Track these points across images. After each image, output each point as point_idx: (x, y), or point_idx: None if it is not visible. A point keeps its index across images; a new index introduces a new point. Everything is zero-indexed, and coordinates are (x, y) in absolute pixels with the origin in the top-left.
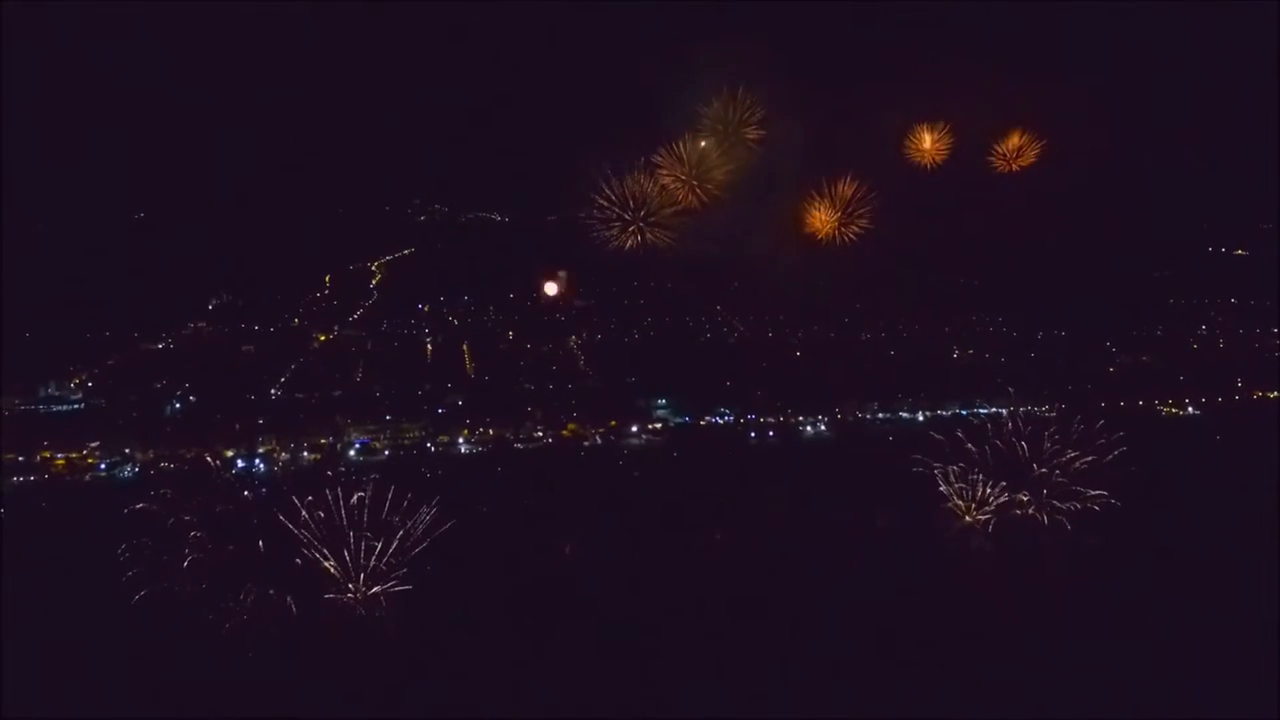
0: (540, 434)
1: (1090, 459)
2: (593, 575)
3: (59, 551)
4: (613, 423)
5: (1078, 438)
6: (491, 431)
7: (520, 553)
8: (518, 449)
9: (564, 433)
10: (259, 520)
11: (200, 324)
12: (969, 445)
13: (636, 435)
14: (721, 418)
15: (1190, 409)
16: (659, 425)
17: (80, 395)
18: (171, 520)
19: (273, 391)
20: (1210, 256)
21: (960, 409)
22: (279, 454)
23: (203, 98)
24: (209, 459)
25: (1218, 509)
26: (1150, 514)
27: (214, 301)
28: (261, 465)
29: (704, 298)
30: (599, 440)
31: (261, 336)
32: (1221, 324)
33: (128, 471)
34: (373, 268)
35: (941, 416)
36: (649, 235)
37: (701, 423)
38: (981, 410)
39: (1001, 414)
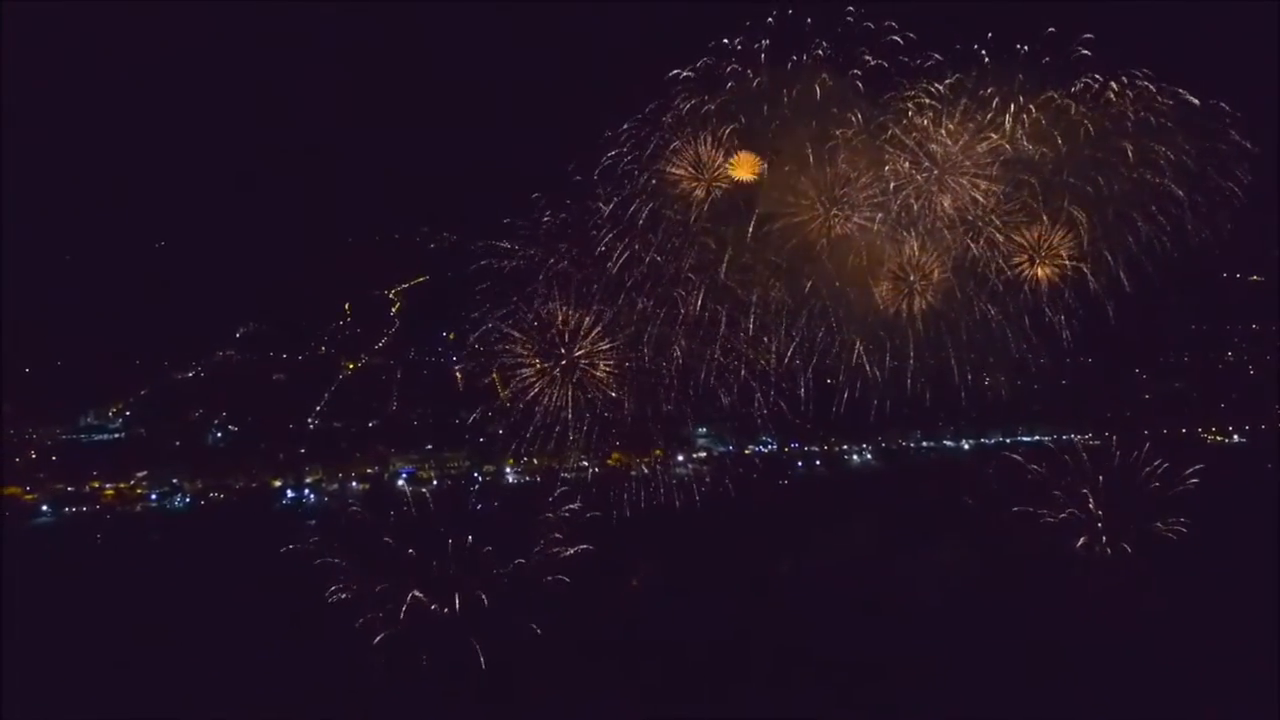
0: (585, 463)
1: (1157, 485)
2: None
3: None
4: (657, 451)
5: (1139, 466)
6: (536, 461)
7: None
8: (565, 478)
9: (609, 462)
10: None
11: (229, 352)
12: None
13: (683, 464)
14: (765, 446)
15: (1235, 436)
16: (704, 454)
17: (120, 424)
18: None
19: (310, 421)
20: (1227, 282)
21: (1003, 437)
22: (327, 484)
23: (220, 130)
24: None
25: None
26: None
27: (241, 330)
28: (312, 495)
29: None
30: (645, 470)
31: (291, 365)
32: (1247, 349)
33: (179, 501)
34: (390, 295)
35: (985, 445)
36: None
37: (746, 451)
38: (1024, 439)
39: (1044, 442)
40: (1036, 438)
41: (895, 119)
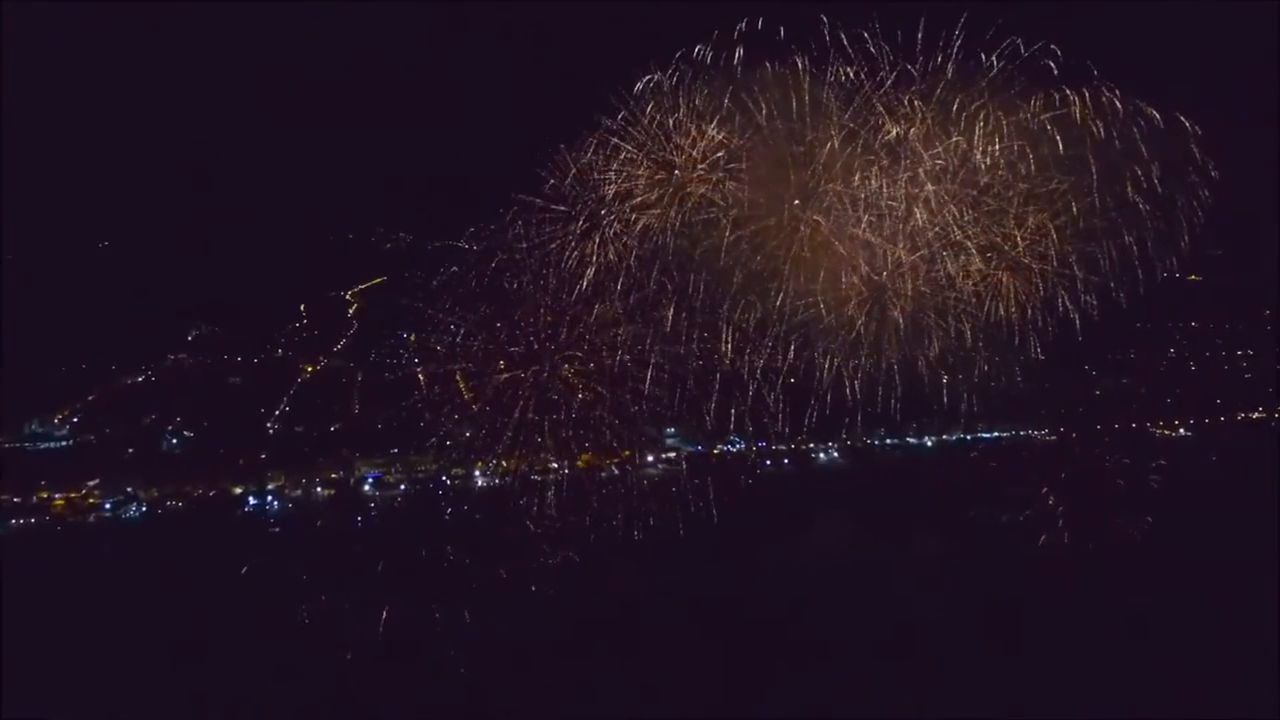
0: (555, 465)
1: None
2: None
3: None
4: (627, 452)
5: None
6: (505, 464)
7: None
8: (535, 480)
9: (579, 463)
10: None
11: (181, 355)
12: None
13: (653, 464)
14: (733, 445)
15: (1181, 430)
16: (673, 454)
17: (67, 432)
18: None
19: (269, 425)
20: (1167, 281)
21: (964, 434)
22: (290, 490)
23: (167, 127)
24: None
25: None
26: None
27: (193, 332)
28: (275, 502)
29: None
30: (615, 470)
31: (247, 368)
32: (1188, 346)
33: (134, 510)
34: (347, 297)
35: (947, 441)
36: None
37: (715, 451)
38: (984, 435)
39: (1002, 439)
40: (995, 434)
41: (869, 129)
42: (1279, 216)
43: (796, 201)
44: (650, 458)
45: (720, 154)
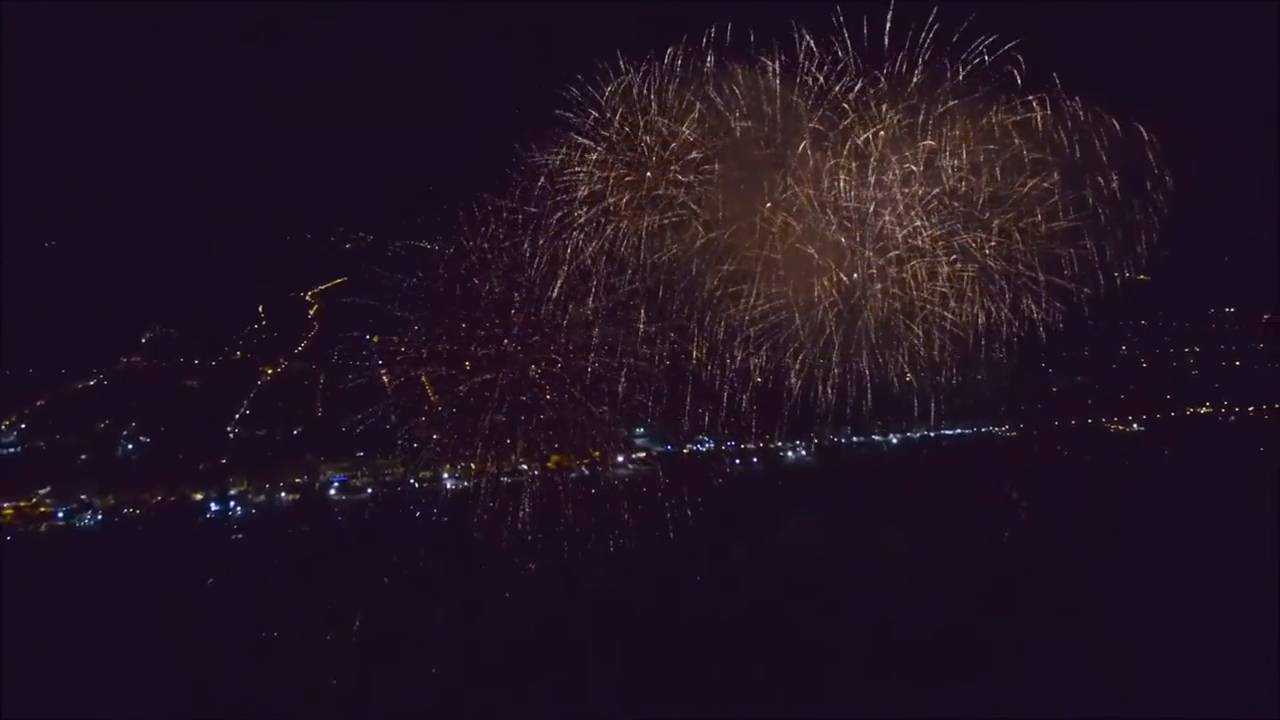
0: (525, 466)
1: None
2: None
3: None
4: (596, 453)
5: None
6: (473, 466)
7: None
8: (505, 482)
9: (549, 464)
10: None
11: (134, 359)
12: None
13: (624, 465)
14: (703, 445)
15: (1135, 425)
16: (644, 454)
17: (15, 439)
18: None
19: (229, 429)
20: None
21: (928, 432)
22: (253, 495)
23: (120, 125)
24: None
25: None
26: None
27: (147, 335)
28: (238, 508)
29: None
30: (586, 471)
31: (204, 371)
32: (1139, 344)
33: (88, 519)
34: (308, 298)
35: (911, 439)
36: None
37: (685, 450)
38: (947, 432)
39: (965, 435)
40: (958, 430)
41: (839, 133)
42: (1226, 219)
43: (769, 204)
44: (620, 458)
45: (692, 155)
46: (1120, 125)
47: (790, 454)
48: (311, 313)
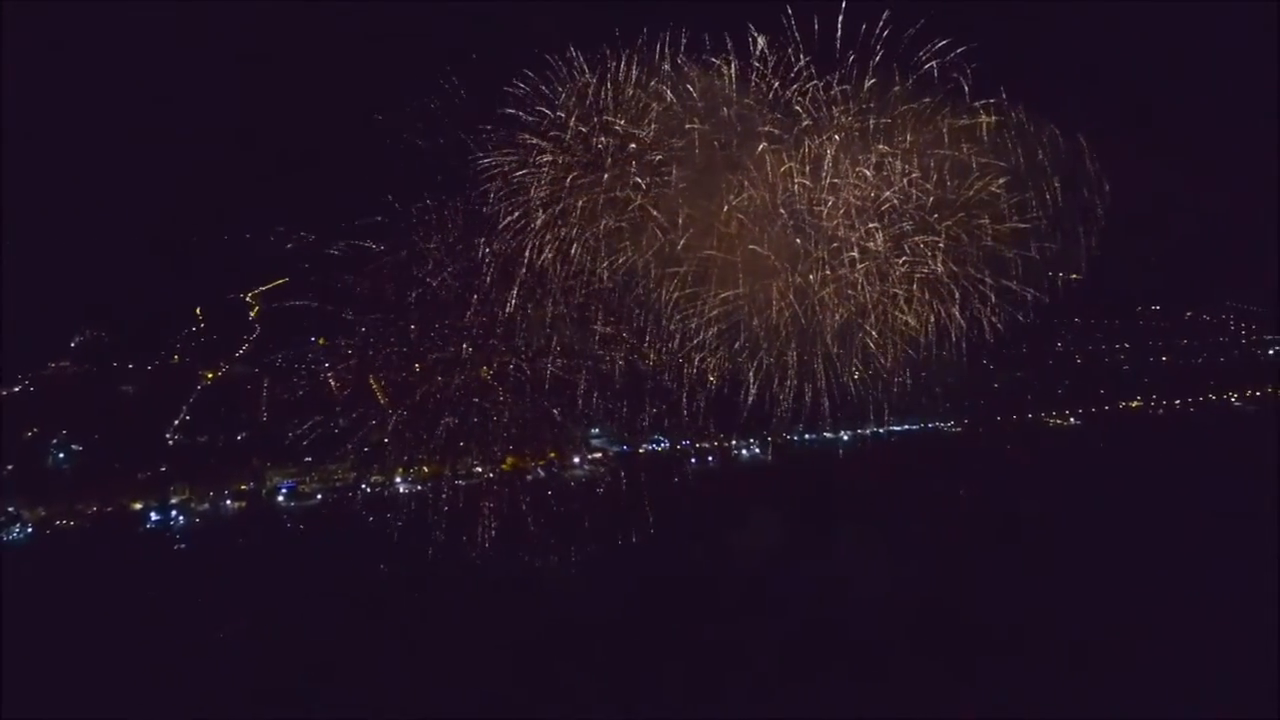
0: (480, 469)
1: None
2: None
3: None
4: (552, 454)
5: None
6: (426, 469)
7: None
8: (460, 485)
9: (504, 466)
10: None
11: (63, 363)
12: None
13: (580, 466)
14: (658, 444)
15: (1071, 419)
16: (599, 454)
17: None
18: None
19: (169, 435)
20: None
21: (877, 428)
22: (197, 503)
23: (46, 119)
24: None
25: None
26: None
27: (76, 338)
28: (181, 517)
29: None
30: (542, 472)
31: (138, 375)
32: (1072, 341)
33: (18, 532)
34: (248, 299)
35: (861, 434)
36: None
37: (641, 450)
38: (895, 428)
39: (913, 430)
40: (905, 426)
41: (794, 136)
42: (1156, 222)
43: (727, 207)
44: (576, 459)
45: (648, 157)
46: (1061, 133)
47: (745, 452)
48: (252, 315)
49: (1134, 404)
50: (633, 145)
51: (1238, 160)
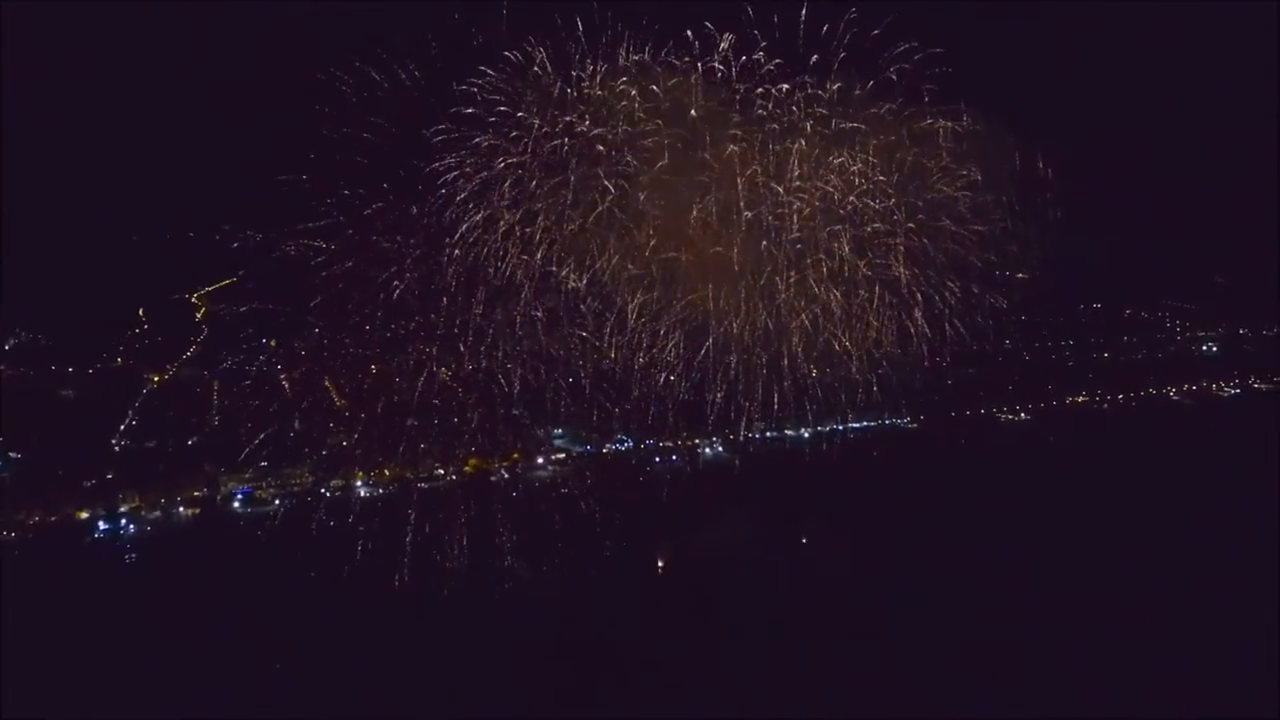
0: (442, 471)
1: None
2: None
3: None
4: (515, 455)
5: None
6: (387, 472)
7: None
8: (422, 488)
9: (466, 469)
10: None
11: None
12: None
13: (543, 467)
14: (622, 444)
15: (1022, 414)
16: (563, 455)
17: None
18: None
19: (115, 441)
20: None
21: (837, 425)
22: (147, 511)
23: None
24: None
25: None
26: None
27: (10, 341)
28: (131, 525)
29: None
30: (505, 474)
31: (79, 379)
32: (1020, 338)
33: None
34: (194, 300)
35: (821, 432)
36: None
37: (605, 450)
38: (855, 425)
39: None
40: (864, 423)
41: (757, 141)
42: (1103, 222)
43: (695, 211)
44: (540, 460)
45: (612, 158)
46: (1016, 138)
47: (707, 450)
48: (199, 316)
49: (1080, 399)
50: (600, 147)
51: (1182, 166)
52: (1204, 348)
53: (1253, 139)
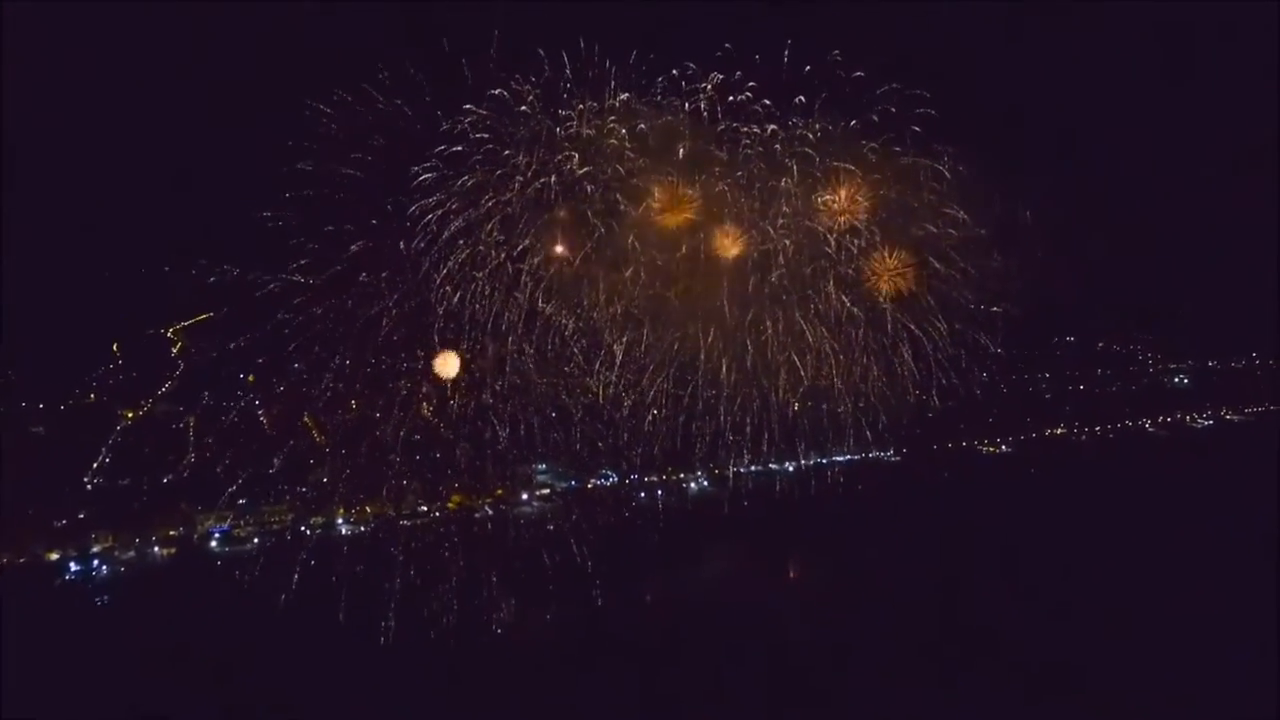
0: (425, 508)
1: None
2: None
3: None
4: (499, 491)
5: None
6: (369, 509)
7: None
8: (405, 525)
9: (450, 505)
10: None
11: None
12: None
13: (527, 503)
14: (606, 479)
15: (1003, 446)
16: (547, 490)
17: None
18: None
19: (88, 480)
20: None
21: (820, 458)
22: (121, 551)
23: None
24: None
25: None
26: None
27: None
28: (104, 567)
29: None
30: (489, 510)
31: (51, 415)
32: (998, 371)
33: None
34: (170, 335)
35: (804, 465)
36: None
37: (589, 485)
38: (838, 459)
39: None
40: (849, 457)
41: (744, 175)
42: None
43: (682, 250)
44: (525, 495)
45: (602, 192)
46: (997, 176)
47: (692, 485)
48: (175, 351)
49: (1059, 431)
50: (588, 186)
51: (1152, 200)
52: (1175, 379)
53: (1221, 177)
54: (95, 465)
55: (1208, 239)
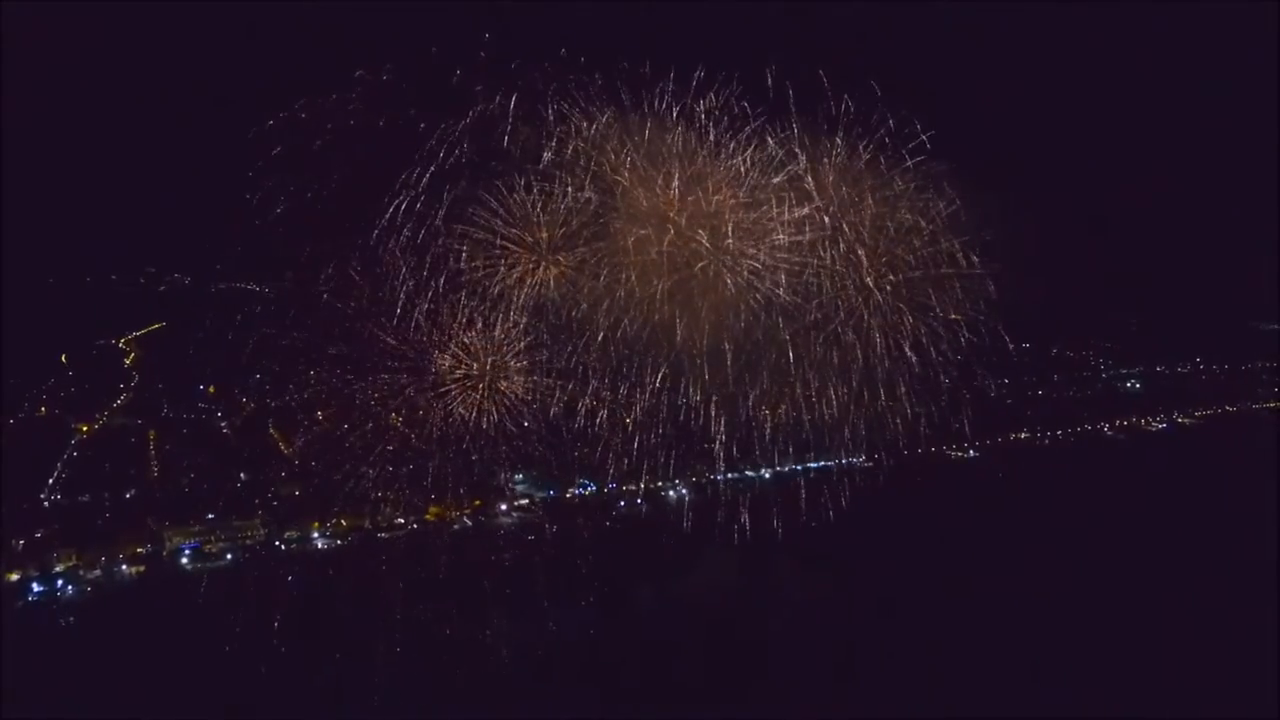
0: (402, 520)
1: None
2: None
3: None
4: (477, 502)
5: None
6: (344, 522)
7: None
8: (382, 539)
9: (428, 517)
10: None
11: None
12: None
13: (507, 513)
14: (584, 488)
15: (971, 451)
16: (526, 500)
17: None
18: None
19: (44, 496)
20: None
21: (796, 465)
22: (86, 570)
23: None
24: None
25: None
26: None
27: None
28: (69, 587)
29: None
30: (469, 521)
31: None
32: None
33: None
34: (122, 345)
35: (781, 472)
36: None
37: (568, 495)
38: (814, 465)
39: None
40: (823, 463)
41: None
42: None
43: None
44: (504, 506)
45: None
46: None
47: (671, 493)
48: (128, 361)
49: (1022, 435)
50: (574, 202)
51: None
52: (1128, 384)
53: (1174, 194)
54: (51, 481)
55: (1163, 247)
